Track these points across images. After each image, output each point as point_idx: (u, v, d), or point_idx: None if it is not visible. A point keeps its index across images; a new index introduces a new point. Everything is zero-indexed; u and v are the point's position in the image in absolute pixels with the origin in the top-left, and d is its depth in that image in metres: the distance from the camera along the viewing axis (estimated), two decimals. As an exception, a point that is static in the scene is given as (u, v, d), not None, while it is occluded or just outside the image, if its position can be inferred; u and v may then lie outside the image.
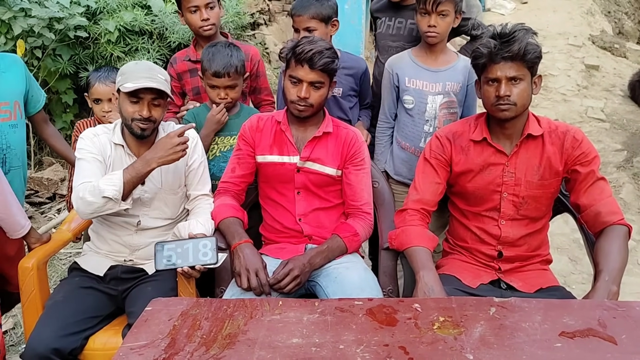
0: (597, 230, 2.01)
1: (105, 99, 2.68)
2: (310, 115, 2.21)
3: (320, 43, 2.14)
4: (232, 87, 2.50)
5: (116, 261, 2.28)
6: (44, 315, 2.08)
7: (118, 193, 2.04)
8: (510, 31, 1.97)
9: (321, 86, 2.17)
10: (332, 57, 2.14)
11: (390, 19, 2.87)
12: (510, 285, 2.09)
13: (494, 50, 1.97)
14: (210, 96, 2.54)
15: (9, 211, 2.21)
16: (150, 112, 2.14)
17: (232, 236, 2.15)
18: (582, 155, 2.03)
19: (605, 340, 1.45)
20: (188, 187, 2.33)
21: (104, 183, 2.05)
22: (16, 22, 3.92)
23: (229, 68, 2.44)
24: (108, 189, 2.03)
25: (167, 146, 2.08)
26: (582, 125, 6.10)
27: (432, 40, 2.51)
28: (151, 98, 2.14)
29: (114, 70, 2.72)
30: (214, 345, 1.46)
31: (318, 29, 2.60)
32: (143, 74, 2.12)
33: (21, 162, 2.52)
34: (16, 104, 2.46)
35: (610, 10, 9.95)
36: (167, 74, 2.23)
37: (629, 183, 4.84)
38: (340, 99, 2.73)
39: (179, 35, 4.74)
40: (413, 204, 2.16)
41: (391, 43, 2.86)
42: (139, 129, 2.15)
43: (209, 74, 2.46)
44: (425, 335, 1.48)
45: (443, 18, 2.45)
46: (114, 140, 2.23)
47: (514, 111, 2.00)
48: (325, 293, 2.06)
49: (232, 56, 2.47)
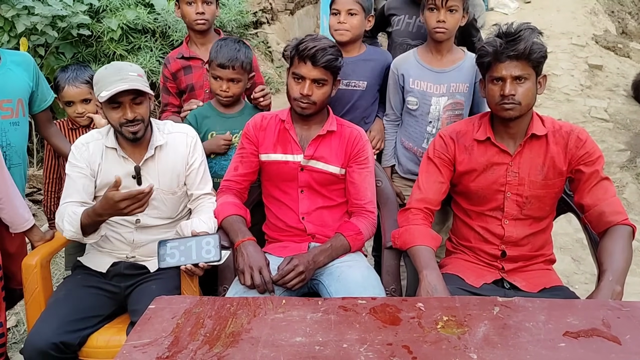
0: (601, 230, 2.01)
1: (78, 101, 2.64)
2: (313, 113, 2.21)
3: (324, 41, 2.14)
4: (235, 81, 2.51)
5: (118, 258, 2.28)
6: (45, 312, 2.09)
7: (76, 234, 2.09)
8: (516, 30, 1.96)
9: (324, 84, 2.16)
10: (335, 55, 2.14)
11: (410, 17, 2.84)
12: (513, 285, 2.09)
13: (500, 49, 1.96)
14: (213, 87, 2.55)
15: (12, 202, 2.22)
16: (135, 112, 2.11)
17: (235, 234, 2.14)
18: (586, 155, 2.03)
19: (609, 340, 1.45)
20: (189, 187, 2.32)
21: (66, 221, 2.09)
22: (19, 20, 3.92)
23: (235, 61, 2.47)
24: (67, 229, 2.09)
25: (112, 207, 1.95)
26: (585, 125, 6.08)
27: (441, 37, 2.49)
28: (130, 99, 2.10)
29: (82, 69, 2.68)
30: (217, 343, 1.46)
31: (359, 15, 2.61)
32: (113, 77, 2.07)
33: (22, 160, 2.52)
34: (19, 102, 2.46)
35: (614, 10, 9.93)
36: (140, 69, 2.19)
37: (632, 183, 4.83)
38: (365, 93, 2.71)
39: (182, 34, 4.75)
40: (416, 203, 2.15)
41: (410, 41, 2.83)
42: (130, 133, 2.13)
43: (215, 64, 2.48)
44: (429, 335, 1.48)
45: (452, 14, 2.44)
46: (107, 144, 2.21)
47: (518, 110, 1.99)
48: (328, 292, 2.06)
49: (240, 51, 2.50)
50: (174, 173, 2.27)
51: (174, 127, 2.33)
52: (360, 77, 2.66)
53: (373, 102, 2.76)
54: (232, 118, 2.60)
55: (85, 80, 2.61)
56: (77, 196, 2.17)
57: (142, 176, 2.21)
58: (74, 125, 2.74)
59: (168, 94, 2.88)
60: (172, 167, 2.26)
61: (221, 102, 2.59)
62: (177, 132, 2.31)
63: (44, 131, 2.68)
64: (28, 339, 1.99)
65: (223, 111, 2.61)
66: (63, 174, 2.72)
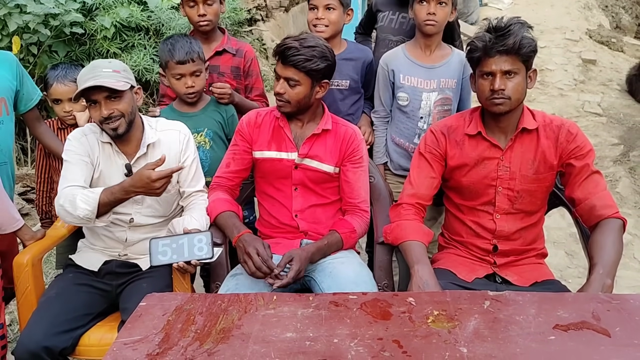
0: (592, 223, 2.02)
1: (66, 99, 2.62)
2: (291, 112, 2.19)
3: (310, 40, 2.09)
4: (197, 74, 2.51)
5: (110, 256, 2.28)
6: (36, 312, 2.08)
7: (91, 213, 2.03)
8: (505, 25, 1.96)
9: (296, 84, 2.11)
10: (310, 57, 2.07)
11: (394, 13, 2.85)
12: (505, 279, 2.09)
13: (489, 43, 1.96)
14: (177, 88, 2.53)
15: (3, 203, 2.20)
16: (110, 108, 2.08)
17: (230, 230, 2.14)
18: (577, 149, 2.03)
19: (599, 333, 1.45)
20: (182, 185, 2.31)
21: (80, 200, 2.03)
22: (11, 19, 3.90)
23: (192, 54, 2.47)
24: (81, 207, 2.02)
25: (147, 186, 2.02)
26: (579, 120, 6.09)
27: (430, 30, 2.49)
28: (104, 97, 2.07)
29: (73, 68, 2.67)
30: (208, 339, 1.46)
31: (337, 10, 2.60)
32: (87, 76, 2.06)
33: (7, 159, 2.50)
34: (2, 101, 2.44)
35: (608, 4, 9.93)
36: (119, 65, 2.16)
37: (625, 177, 4.84)
38: (348, 92, 2.71)
39: (176, 31, 4.73)
40: (408, 198, 2.16)
41: (392, 37, 2.84)
42: (110, 129, 2.12)
43: (173, 63, 2.46)
44: (420, 329, 1.49)
45: (442, 7, 2.45)
46: (102, 139, 2.21)
47: (508, 105, 1.99)
48: (320, 288, 2.06)
49: (192, 43, 2.51)
50: None
51: (167, 124, 2.33)
52: (342, 76, 2.66)
53: (357, 99, 2.77)
54: (196, 116, 2.60)
55: (73, 78, 2.60)
56: (81, 181, 2.13)
57: None
58: (63, 125, 2.74)
59: (165, 86, 2.87)
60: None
61: (188, 101, 2.57)
62: (169, 129, 2.30)
63: (34, 130, 2.66)
64: (20, 340, 1.98)
65: (187, 110, 2.60)
66: (54, 174, 2.72)
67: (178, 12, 4.62)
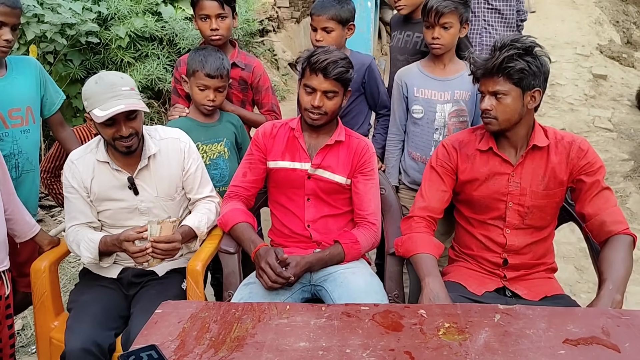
0: (602, 239, 2.03)
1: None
2: (324, 123, 2.24)
3: (336, 53, 2.17)
4: (221, 90, 2.57)
5: (127, 265, 2.30)
6: (73, 315, 2.11)
7: (94, 259, 2.19)
8: (494, 48, 2.00)
9: (334, 95, 2.19)
10: (346, 67, 2.17)
11: (401, 32, 2.94)
12: (515, 293, 2.10)
13: (477, 65, 2.03)
14: (198, 98, 2.57)
15: (20, 212, 2.23)
16: (129, 127, 2.08)
17: (247, 245, 2.17)
18: (588, 165, 2.05)
19: (608, 348, 1.46)
20: (189, 192, 2.34)
21: (84, 247, 2.17)
22: (29, 28, 3.96)
23: (222, 70, 2.52)
24: (85, 255, 2.18)
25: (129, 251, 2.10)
26: (589, 135, 6.09)
27: (437, 52, 2.57)
28: (125, 116, 2.06)
29: None
30: (222, 347, 1.49)
31: (335, 30, 2.67)
32: (107, 94, 2.02)
33: (33, 166, 2.53)
34: (28, 109, 2.47)
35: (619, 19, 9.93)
36: (131, 81, 2.14)
37: (635, 193, 4.84)
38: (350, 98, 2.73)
39: (189, 42, 4.79)
40: (419, 211, 2.18)
41: (399, 56, 2.92)
42: (124, 147, 2.11)
43: (202, 74, 2.51)
44: (431, 341, 1.50)
45: (446, 30, 2.50)
46: (99, 158, 2.20)
47: (496, 125, 2.04)
48: (332, 297, 2.09)
49: (224, 60, 2.56)
50: (171, 180, 2.29)
51: (166, 133, 2.33)
52: None
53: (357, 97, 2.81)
54: (214, 127, 2.63)
55: None
56: (82, 217, 2.23)
57: (138, 185, 2.23)
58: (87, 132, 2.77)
59: (177, 96, 2.91)
60: (168, 174, 2.27)
61: (204, 112, 2.61)
62: (169, 138, 2.31)
63: (57, 134, 2.68)
64: (67, 341, 1.99)
65: (204, 121, 2.64)
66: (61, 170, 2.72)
67: (191, 23, 4.68)
